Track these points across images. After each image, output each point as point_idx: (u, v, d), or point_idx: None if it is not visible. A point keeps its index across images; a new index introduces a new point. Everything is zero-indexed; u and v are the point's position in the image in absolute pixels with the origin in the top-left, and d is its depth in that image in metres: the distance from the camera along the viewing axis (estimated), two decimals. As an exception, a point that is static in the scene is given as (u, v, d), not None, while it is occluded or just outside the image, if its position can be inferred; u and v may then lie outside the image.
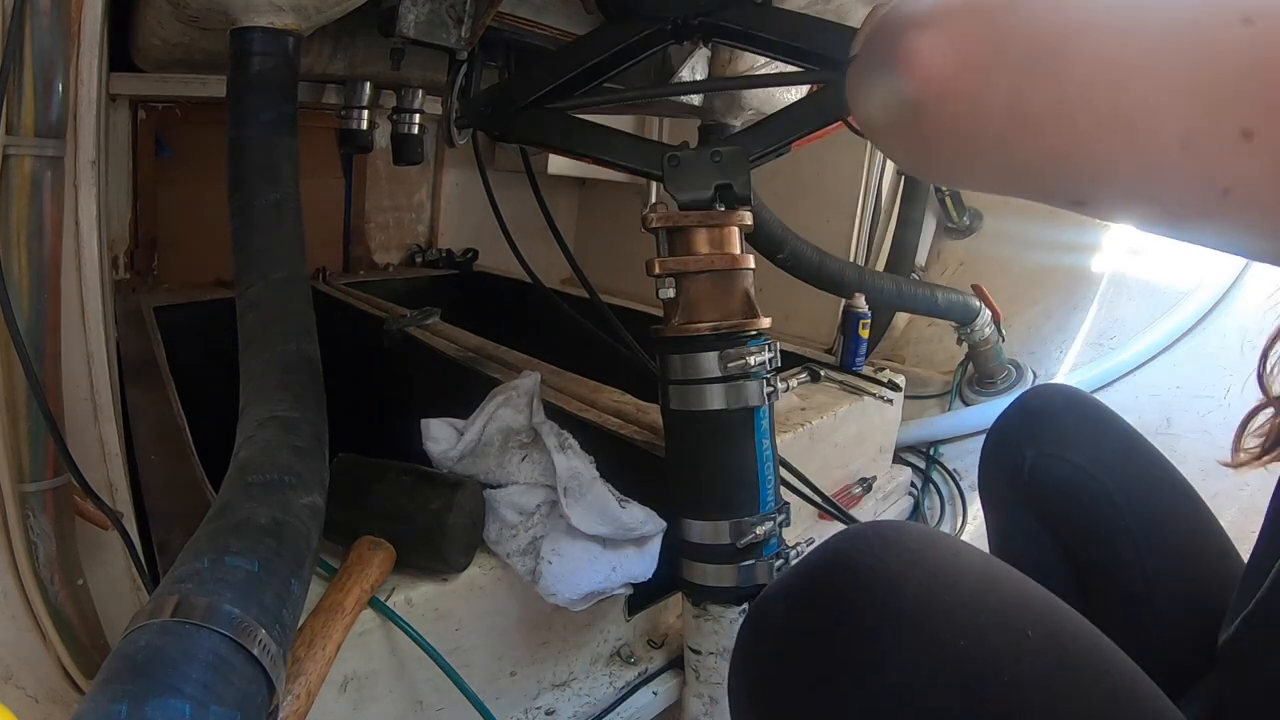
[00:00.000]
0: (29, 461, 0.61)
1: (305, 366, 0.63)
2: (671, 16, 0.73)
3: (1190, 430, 1.39)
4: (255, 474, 0.50)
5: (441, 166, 2.24)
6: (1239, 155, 0.22)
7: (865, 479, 1.31)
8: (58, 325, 0.62)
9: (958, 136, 0.29)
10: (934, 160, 0.33)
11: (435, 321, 1.44)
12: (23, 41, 0.55)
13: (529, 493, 0.72)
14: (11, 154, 0.57)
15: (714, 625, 0.73)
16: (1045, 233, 1.74)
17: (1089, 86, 0.25)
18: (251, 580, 0.42)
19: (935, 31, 0.29)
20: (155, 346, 1.28)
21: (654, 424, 0.96)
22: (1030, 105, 0.26)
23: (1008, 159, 0.28)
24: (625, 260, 1.58)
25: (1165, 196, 0.25)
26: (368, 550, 0.64)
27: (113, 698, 0.34)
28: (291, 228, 0.69)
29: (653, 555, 0.74)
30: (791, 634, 0.41)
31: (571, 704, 0.79)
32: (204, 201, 1.74)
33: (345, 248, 2.12)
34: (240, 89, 0.70)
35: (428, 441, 0.76)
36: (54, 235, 0.60)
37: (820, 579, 0.41)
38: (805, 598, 0.41)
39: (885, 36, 0.31)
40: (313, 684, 0.52)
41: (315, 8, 0.70)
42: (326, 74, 1.05)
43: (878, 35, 0.32)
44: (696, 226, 0.68)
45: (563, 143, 0.74)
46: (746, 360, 0.67)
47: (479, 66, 0.99)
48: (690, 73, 1.05)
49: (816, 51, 0.71)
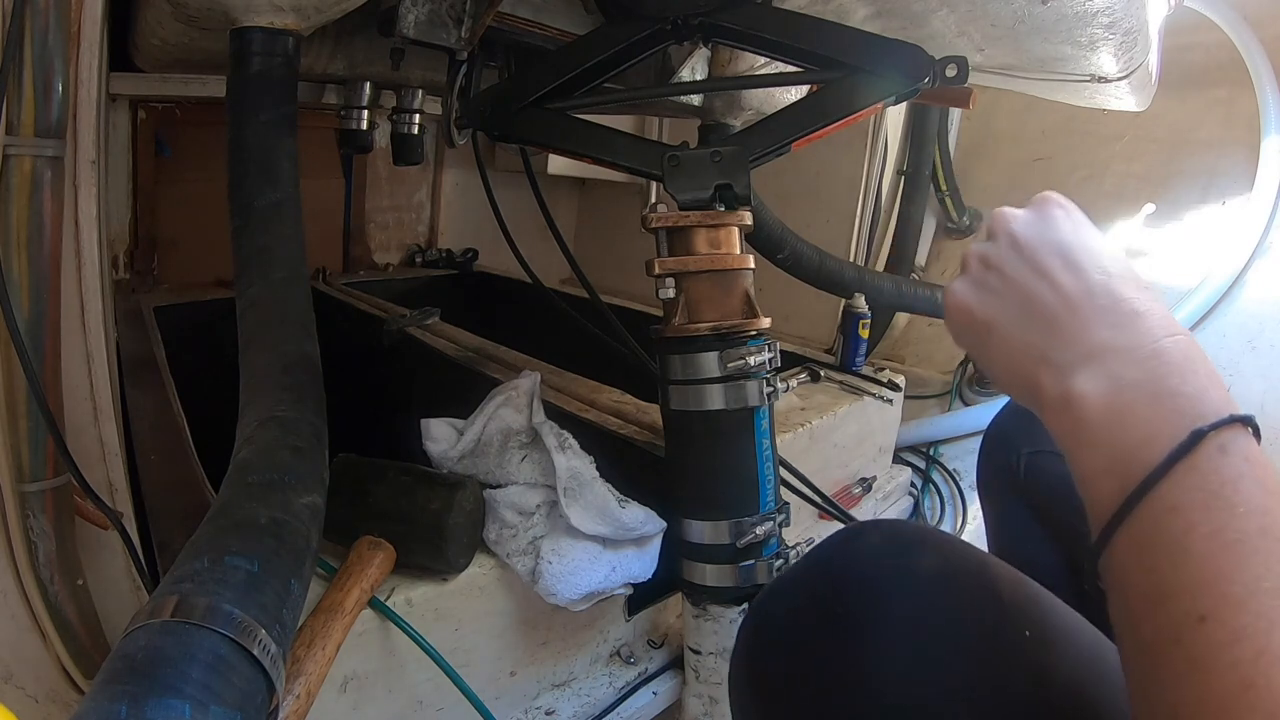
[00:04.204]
0: (29, 461, 0.61)
1: (305, 366, 0.63)
2: (671, 16, 0.73)
3: (1190, 430, 1.38)
4: (255, 474, 0.50)
5: (441, 166, 2.24)
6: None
7: (865, 479, 1.31)
8: (58, 325, 0.62)
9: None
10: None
11: (435, 321, 1.44)
12: (23, 41, 0.55)
13: (529, 493, 0.72)
14: (11, 154, 0.57)
15: (714, 625, 0.73)
16: (1045, 233, 1.74)
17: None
18: (251, 580, 0.42)
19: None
20: (155, 346, 1.28)
21: (654, 424, 0.96)
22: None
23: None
24: (625, 260, 1.58)
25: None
26: (367, 550, 0.64)
27: (112, 698, 0.34)
28: (291, 228, 0.69)
29: (652, 555, 0.74)
30: (791, 632, 0.41)
31: (571, 704, 0.79)
32: (204, 201, 1.74)
33: (345, 248, 2.12)
34: (240, 89, 0.70)
35: (428, 441, 0.76)
36: (54, 235, 0.60)
37: (820, 577, 0.41)
38: (805, 596, 0.41)
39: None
40: (313, 684, 0.52)
41: (315, 8, 0.70)
42: (326, 74, 1.05)
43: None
44: (696, 226, 0.68)
45: (563, 143, 0.74)
46: (746, 360, 0.67)
47: (479, 66, 0.99)
48: (690, 73, 1.05)
49: (816, 51, 0.71)
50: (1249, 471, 0.30)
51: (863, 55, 0.69)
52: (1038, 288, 0.37)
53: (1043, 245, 0.38)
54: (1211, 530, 0.29)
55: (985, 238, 0.42)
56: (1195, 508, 0.29)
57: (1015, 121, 1.86)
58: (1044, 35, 0.81)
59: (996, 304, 0.38)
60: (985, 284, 0.39)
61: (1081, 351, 0.34)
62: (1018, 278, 0.38)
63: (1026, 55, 0.88)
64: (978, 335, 0.39)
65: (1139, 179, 1.68)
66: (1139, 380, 0.32)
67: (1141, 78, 0.90)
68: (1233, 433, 0.30)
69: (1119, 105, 0.98)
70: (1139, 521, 0.31)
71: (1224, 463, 0.30)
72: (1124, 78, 0.88)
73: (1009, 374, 0.38)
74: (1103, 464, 0.32)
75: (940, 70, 0.68)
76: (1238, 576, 0.27)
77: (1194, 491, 0.30)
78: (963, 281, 0.41)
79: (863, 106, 0.70)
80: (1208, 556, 0.28)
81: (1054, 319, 0.36)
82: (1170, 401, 0.32)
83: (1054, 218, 0.39)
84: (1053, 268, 0.37)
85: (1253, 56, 1.51)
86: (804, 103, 0.72)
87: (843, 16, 0.84)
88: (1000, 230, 0.40)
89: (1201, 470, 0.30)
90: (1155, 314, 0.34)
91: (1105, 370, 0.33)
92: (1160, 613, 0.29)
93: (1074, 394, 0.34)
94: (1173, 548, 0.29)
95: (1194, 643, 0.27)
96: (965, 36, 0.85)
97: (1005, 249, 0.39)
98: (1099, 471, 0.33)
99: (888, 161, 1.74)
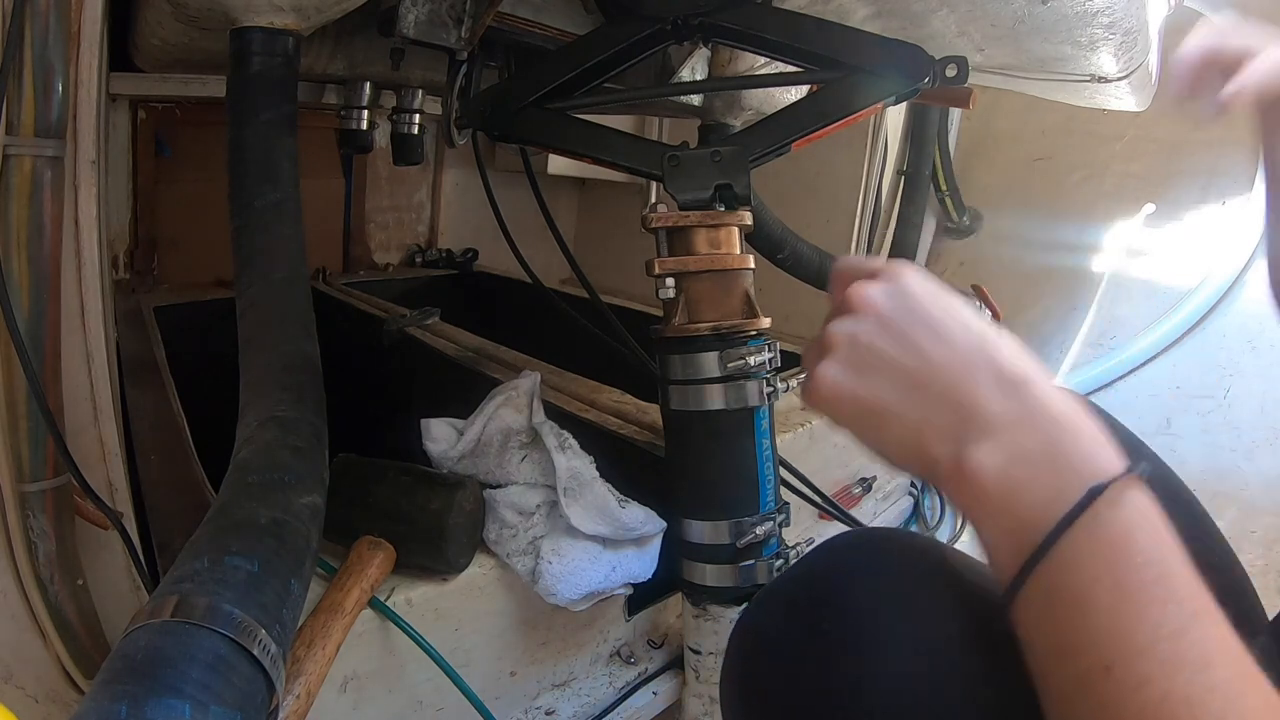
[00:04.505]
0: (29, 461, 0.61)
1: (305, 366, 0.63)
2: (671, 16, 0.73)
3: (1190, 430, 1.39)
4: (255, 474, 0.50)
5: (441, 166, 2.24)
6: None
7: (865, 479, 1.30)
8: (58, 325, 0.62)
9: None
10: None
11: (435, 321, 1.44)
12: (23, 41, 0.55)
13: (529, 493, 0.72)
14: (11, 154, 0.56)
15: (714, 625, 0.73)
16: (1045, 233, 1.74)
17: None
18: (251, 580, 0.42)
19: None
20: (155, 346, 1.28)
21: (654, 424, 0.96)
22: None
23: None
24: (625, 260, 1.58)
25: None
26: (367, 550, 0.64)
27: (112, 698, 0.34)
28: (291, 228, 0.69)
29: (652, 555, 0.74)
30: (779, 645, 0.40)
31: (571, 704, 0.79)
32: (204, 201, 1.74)
33: (345, 248, 2.12)
34: (240, 89, 0.70)
35: (427, 441, 0.76)
36: (54, 235, 0.60)
37: (806, 589, 0.41)
38: (792, 608, 0.41)
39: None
40: (313, 684, 0.52)
41: (315, 8, 0.70)
42: (326, 74, 1.05)
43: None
44: (696, 226, 0.68)
45: (563, 143, 0.74)
46: (746, 360, 0.67)
47: (479, 66, 0.99)
48: (690, 73, 1.05)
49: (816, 51, 0.71)
50: (1143, 522, 0.31)
51: (863, 55, 0.69)
52: (917, 364, 0.37)
53: (911, 319, 0.37)
54: (1112, 582, 0.30)
55: (835, 316, 0.41)
56: (1095, 562, 0.30)
57: (1015, 121, 1.86)
58: (1044, 35, 0.81)
59: (880, 384, 0.37)
60: (863, 364, 0.38)
61: (974, 424, 0.35)
62: (895, 355, 0.37)
63: (1026, 55, 0.88)
64: (864, 418, 0.38)
65: (1139, 179, 1.68)
66: (1035, 449, 0.33)
67: (1141, 78, 0.90)
68: (1125, 486, 0.31)
69: (1119, 105, 0.98)
70: (1042, 579, 0.32)
71: (1119, 515, 0.31)
72: (1124, 78, 0.88)
73: (903, 452, 0.37)
74: (1005, 528, 0.33)
75: (940, 70, 0.68)
76: (1139, 626, 0.29)
77: (1093, 545, 0.31)
78: (833, 365, 0.39)
79: (863, 106, 0.70)
80: (1110, 609, 0.30)
81: (940, 394, 0.36)
82: (1066, 463, 0.33)
83: (912, 289, 0.39)
84: (927, 342, 0.37)
85: (1253, 56, 1.51)
86: (804, 103, 0.72)
87: (843, 16, 0.84)
88: (863, 308, 0.39)
89: (1099, 525, 0.31)
90: (1036, 377, 0.35)
91: (1001, 441, 0.34)
92: (1069, 664, 0.30)
93: (971, 467, 0.34)
94: (1077, 602, 0.30)
95: (1103, 691, 0.29)
96: (965, 36, 0.85)
97: (873, 327, 0.38)
98: (1001, 535, 0.34)
99: (888, 161, 1.74)
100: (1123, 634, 0.29)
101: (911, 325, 0.37)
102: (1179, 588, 0.30)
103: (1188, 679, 0.28)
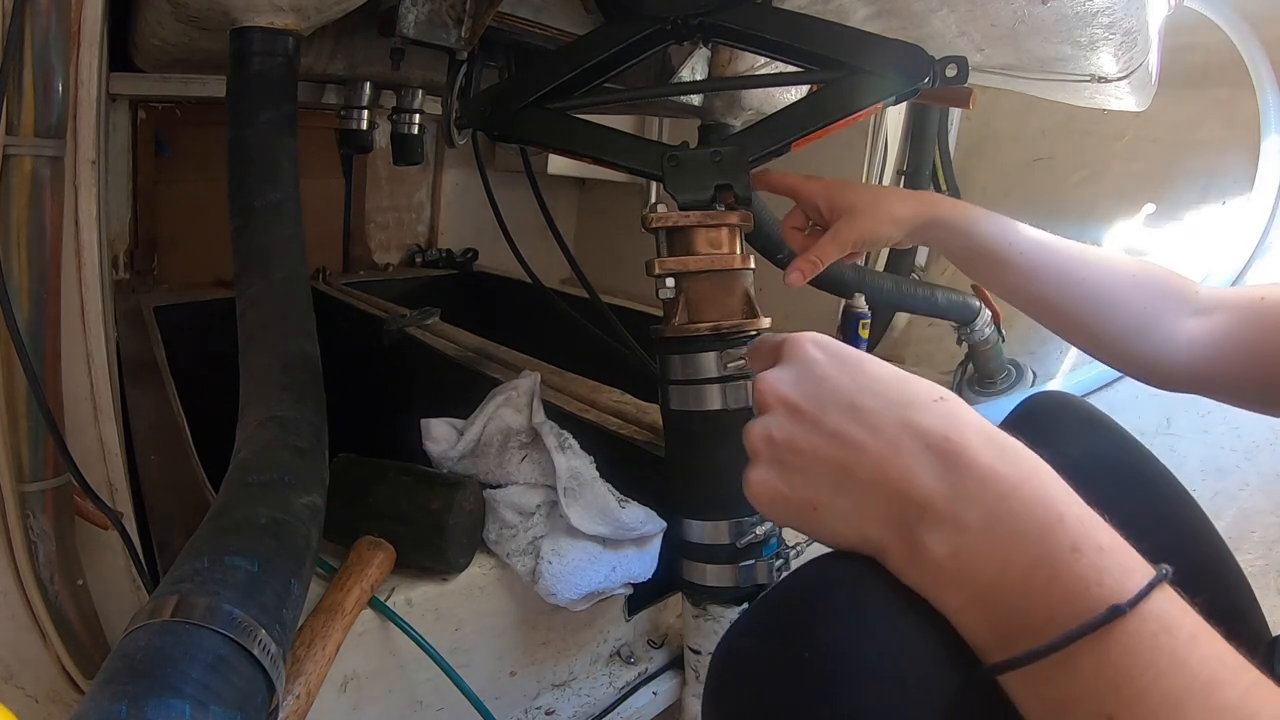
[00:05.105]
0: (29, 461, 0.61)
1: (305, 366, 0.63)
2: (671, 16, 0.73)
3: (1190, 430, 1.38)
4: (255, 474, 0.50)
5: (441, 166, 2.24)
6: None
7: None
8: (58, 325, 0.62)
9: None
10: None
11: (435, 321, 1.44)
12: (23, 41, 0.55)
13: (529, 493, 0.72)
14: (11, 154, 0.56)
15: (714, 625, 0.73)
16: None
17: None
18: (251, 580, 0.42)
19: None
20: (155, 346, 1.28)
21: (654, 424, 0.96)
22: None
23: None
24: (625, 260, 1.58)
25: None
26: (367, 550, 0.64)
27: (112, 698, 0.34)
28: (291, 228, 0.69)
29: (653, 555, 0.74)
30: (758, 675, 0.37)
31: (571, 704, 0.79)
32: (204, 201, 1.74)
33: (345, 248, 2.12)
34: (240, 89, 0.70)
35: (428, 441, 0.76)
36: (54, 235, 0.60)
37: (787, 615, 0.38)
38: (771, 634, 0.38)
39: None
40: (313, 684, 0.52)
41: (315, 8, 0.70)
42: (326, 74, 1.05)
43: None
44: (696, 226, 0.68)
45: (563, 143, 0.74)
46: (746, 360, 0.67)
47: (479, 66, 0.99)
48: (690, 73, 1.05)
49: (816, 51, 0.71)
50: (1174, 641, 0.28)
51: (863, 55, 0.69)
52: (840, 453, 0.34)
53: (821, 402, 0.35)
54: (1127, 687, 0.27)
55: (756, 409, 0.38)
56: (1107, 666, 0.28)
57: (1015, 121, 1.86)
58: (1044, 35, 0.81)
59: (808, 481, 0.35)
60: (786, 464, 0.36)
61: (912, 507, 0.32)
62: (814, 448, 0.35)
63: (1026, 55, 0.88)
64: (801, 516, 0.36)
65: (1139, 179, 1.68)
66: (978, 520, 0.31)
67: (1141, 78, 0.90)
68: (1156, 600, 0.28)
69: (1119, 105, 0.98)
70: (1038, 670, 0.29)
71: (1135, 626, 0.28)
72: (1124, 78, 0.88)
73: (844, 538, 0.35)
74: (967, 599, 0.32)
75: (940, 70, 0.68)
76: (1152, 692, 0.27)
77: (1097, 654, 0.28)
78: (759, 470, 0.37)
79: (863, 106, 0.70)
80: (1120, 691, 0.27)
81: (870, 481, 0.34)
82: (1012, 529, 0.30)
83: (816, 366, 0.36)
84: (843, 424, 0.34)
85: (1253, 56, 1.51)
86: (804, 103, 0.72)
87: (843, 16, 0.84)
88: (771, 402, 0.37)
89: (1105, 642, 0.28)
90: (966, 436, 0.32)
91: (943, 520, 0.32)
92: (1068, 716, 0.29)
93: (918, 551, 0.32)
94: (1078, 689, 0.28)
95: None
96: (965, 36, 0.85)
97: (786, 422, 0.36)
98: (963, 605, 0.32)
99: (888, 161, 1.74)
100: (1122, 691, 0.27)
101: (823, 410, 0.35)
102: (1202, 672, 0.27)
103: (1200, 704, 0.26)
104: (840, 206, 0.70)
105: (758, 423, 0.37)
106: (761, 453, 0.37)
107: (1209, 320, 0.60)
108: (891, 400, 0.34)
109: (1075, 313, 0.65)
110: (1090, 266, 0.65)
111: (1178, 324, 0.61)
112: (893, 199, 0.70)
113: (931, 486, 0.32)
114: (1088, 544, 0.29)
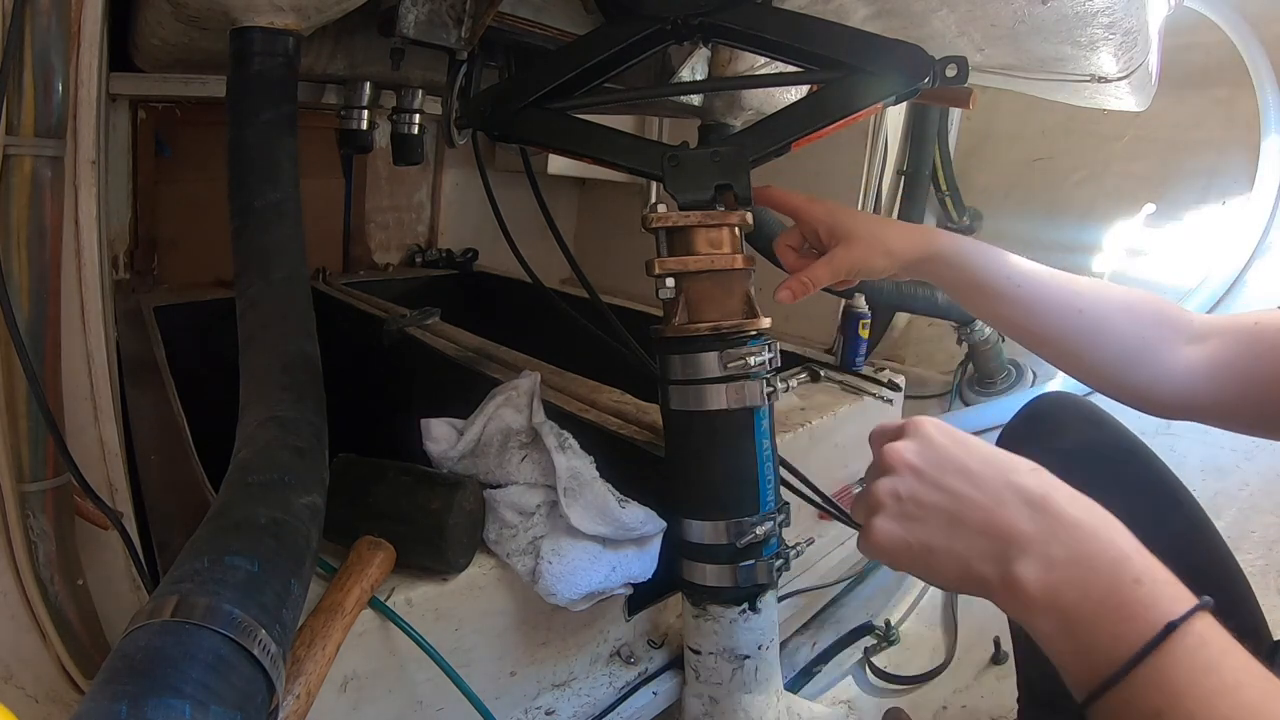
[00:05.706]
0: (29, 461, 0.61)
1: (305, 366, 0.63)
2: (671, 16, 0.73)
3: (1190, 430, 1.38)
4: (255, 474, 0.50)
5: (441, 166, 2.24)
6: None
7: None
8: (58, 325, 0.62)
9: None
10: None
11: (435, 321, 1.44)
12: (23, 41, 0.55)
13: (529, 493, 0.72)
14: (11, 154, 0.57)
15: (714, 625, 0.73)
16: (1045, 232, 1.74)
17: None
18: (251, 580, 0.42)
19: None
20: (155, 346, 1.28)
21: (654, 424, 0.96)
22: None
23: None
24: (625, 260, 1.58)
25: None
26: (367, 550, 0.64)
27: (112, 697, 0.34)
28: (291, 228, 0.69)
29: (652, 555, 0.74)
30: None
31: (571, 704, 0.79)
32: (204, 201, 1.74)
33: (345, 248, 2.12)
34: (240, 89, 0.70)
35: (428, 441, 0.76)
36: (54, 235, 0.60)
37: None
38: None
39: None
40: (312, 684, 0.52)
41: (315, 8, 0.70)
42: (326, 74, 1.05)
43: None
44: (696, 226, 0.68)
45: (563, 143, 0.74)
46: (746, 360, 0.67)
47: (479, 66, 0.99)
48: (690, 73, 1.05)
49: (816, 51, 0.71)
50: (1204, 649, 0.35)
51: (863, 55, 0.69)
52: (954, 505, 0.42)
53: (941, 467, 0.43)
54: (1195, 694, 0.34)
55: (873, 475, 0.47)
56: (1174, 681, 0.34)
57: (1015, 121, 1.86)
58: (1044, 35, 0.81)
59: (926, 529, 0.43)
60: (908, 515, 0.44)
61: (1013, 545, 0.39)
62: (934, 501, 0.43)
63: (1026, 55, 0.88)
64: (918, 558, 0.44)
65: (1139, 179, 1.68)
66: (1064, 555, 0.38)
67: (1141, 78, 0.90)
68: (1197, 622, 0.35)
69: (1119, 105, 0.98)
70: (1118, 698, 0.35)
71: (1189, 647, 0.34)
72: (1124, 78, 0.88)
73: (956, 580, 0.42)
74: (1055, 627, 0.38)
75: (940, 70, 0.68)
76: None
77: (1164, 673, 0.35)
78: (884, 520, 0.44)
79: (863, 106, 0.70)
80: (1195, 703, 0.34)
81: (978, 526, 0.41)
82: (1092, 563, 0.38)
83: (935, 440, 0.44)
84: (958, 483, 0.42)
85: (1253, 56, 1.51)
86: (804, 103, 0.72)
87: (843, 16, 0.84)
88: (897, 465, 0.44)
89: (1171, 657, 0.35)
90: (1055, 492, 0.40)
91: (1035, 554, 0.39)
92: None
93: (1015, 580, 0.39)
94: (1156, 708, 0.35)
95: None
96: (965, 36, 0.85)
97: (910, 480, 0.44)
98: (1053, 631, 0.38)
99: (888, 161, 1.74)
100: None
101: (942, 472, 0.43)
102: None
103: (1228, 701, 0.33)
104: (840, 233, 0.70)
105: (885, 481, 0.45)
106: (887, 506, 0.44)
107: (1204, 348, 0.62)
108: (998, 467, 0.42)
109: (1072, 344, 0.67)
110: (1085, 298, 0.67)
111: (1173, 352, 0.63)
112: (892, 232, 0.71)
113: (1028, 529, 0.39)
114: (1148, 578, 0.36)
